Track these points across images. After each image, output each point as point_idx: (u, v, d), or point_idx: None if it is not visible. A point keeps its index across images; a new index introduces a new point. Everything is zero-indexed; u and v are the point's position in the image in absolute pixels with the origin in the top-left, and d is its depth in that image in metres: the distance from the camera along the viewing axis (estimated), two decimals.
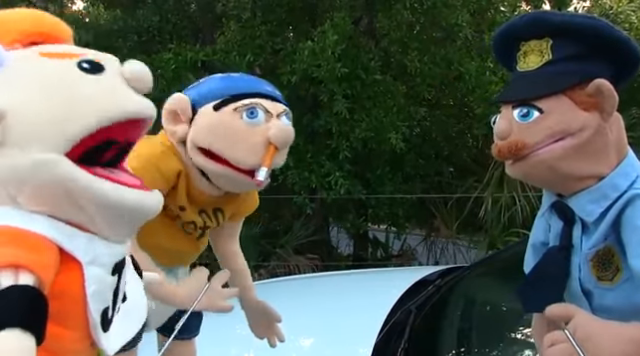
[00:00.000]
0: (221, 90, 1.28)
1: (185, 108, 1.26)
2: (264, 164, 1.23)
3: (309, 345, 1.96)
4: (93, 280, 0.76)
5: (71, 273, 0.74)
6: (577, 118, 0.98)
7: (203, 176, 1.29)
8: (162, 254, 1.30)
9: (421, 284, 2.12)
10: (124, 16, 5.62)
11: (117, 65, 0.81)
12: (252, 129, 1.23)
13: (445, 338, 1.67)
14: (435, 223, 5.62)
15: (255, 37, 4.90)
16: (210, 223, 1.38)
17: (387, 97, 4.76)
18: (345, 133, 4.66)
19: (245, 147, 1.23)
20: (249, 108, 1.23)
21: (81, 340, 0.77)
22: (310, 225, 5.21)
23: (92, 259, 0.76)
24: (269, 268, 4.88)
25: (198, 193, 1.31)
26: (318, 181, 4.56)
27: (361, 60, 4.70)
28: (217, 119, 1.24)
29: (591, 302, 1.03)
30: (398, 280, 2.59)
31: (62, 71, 0.76)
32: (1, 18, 0.81)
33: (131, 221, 0.80)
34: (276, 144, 1.24)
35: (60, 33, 0.84)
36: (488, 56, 4.83)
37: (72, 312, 0.75)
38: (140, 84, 0.82)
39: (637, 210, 0.95)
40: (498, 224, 4.75)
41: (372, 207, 5.19)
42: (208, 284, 1.27)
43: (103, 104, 0.75)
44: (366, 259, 5.59)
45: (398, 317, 1.75)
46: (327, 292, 2.46)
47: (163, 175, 1.24)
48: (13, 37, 0.79)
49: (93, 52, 0.81)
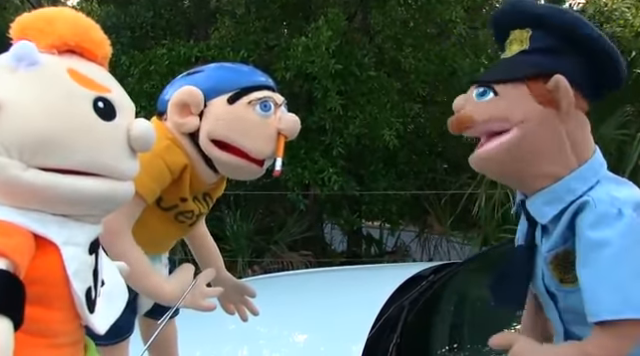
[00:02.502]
0: (231, 83, 1.30)
1: (199, 102, 1.27)
2: (278, 154, 1.29)
3: (302, 341, 1.96)
4: (72, 259, 0.77)
5: (49, 256, 0.75)
6: (524, 108, 0.98)
7: (208, 166, 1.31)
8: (151, 244, 1.31)
9: (414, 280, 2.12)
10: (117, 12, 5.60)
11: (129, 116, 0.83)
12: (265, 121, 1.28)
13: (437, 333, 1.68)
14: (429, 219, 5.63)
15: (249, 33, 4.89)
16: (203, 209, 1.40)
17: (381, 93, 4.76)
18: (339, 129, 4.66)
19: (261, 138, 1.27)
20: (262, 101, 1.28)
21: (70, 321, 0.79)
22: (304, 221, 5.21)
23: (66, 239, 0.77)
24: (262, 264, 4.88)
25: (197, 183, 1.34)
26: (312, 177, 4.56)
27: (355, 56, 4.70)
28: (233, 112, 1.27)
29: (556, 303, 1.03)
30: (391, 276, 2.60)
31: (75, 102, 0.77)
32: (45, 18, 0.82)
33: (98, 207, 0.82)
34: (287, 135, 1.29)
35: (95, 46, 0.84)
36: (482, 53, 4.85)
37: (57, 294, 0.76)
38: (139, 146, 0.83)
39: (585, 218, 0.93)
40: (492, 220, 4.75)
41: (366, 203, 5.19)
42: (194, 281, 1.27)
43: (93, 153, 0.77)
44: (360, 256, 5.60)
45: (391, 312, 1.75)
46: (320, 288, 2.46)
47: (170, 169, 1.25)
48: (52, 41, 0.80)
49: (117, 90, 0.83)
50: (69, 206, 0.77)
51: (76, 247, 0.78)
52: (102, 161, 0.78)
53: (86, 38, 0.83)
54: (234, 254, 4.75)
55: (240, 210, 5.00)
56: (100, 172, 0.78)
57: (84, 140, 0.76)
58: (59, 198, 0.76)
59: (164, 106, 1.30)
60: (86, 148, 0.76)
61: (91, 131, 0.77)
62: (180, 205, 1.33)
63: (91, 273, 0.81)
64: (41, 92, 0.75)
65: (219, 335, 1.86)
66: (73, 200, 0.77)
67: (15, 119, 0.73)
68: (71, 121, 0.75)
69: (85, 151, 0.76)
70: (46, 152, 0.74)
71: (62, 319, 0.78)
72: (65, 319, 0.78)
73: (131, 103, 0.86)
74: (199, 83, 1.29)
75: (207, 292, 1.30)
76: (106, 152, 0.79)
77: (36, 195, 0.75)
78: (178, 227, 1.37)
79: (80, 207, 0.79)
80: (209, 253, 1.57)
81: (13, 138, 0.73)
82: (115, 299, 0.89)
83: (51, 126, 0.74)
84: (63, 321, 0.78)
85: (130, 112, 0.84)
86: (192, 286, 1.25)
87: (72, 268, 0.76)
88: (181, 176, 1.29)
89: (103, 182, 0.79)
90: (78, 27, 0.83)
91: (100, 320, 0.82)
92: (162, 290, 1.22)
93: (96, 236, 0.84)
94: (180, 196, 1.31)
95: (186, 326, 1.51)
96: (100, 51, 0.85)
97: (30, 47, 0.76)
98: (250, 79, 1.33)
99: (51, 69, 0.77)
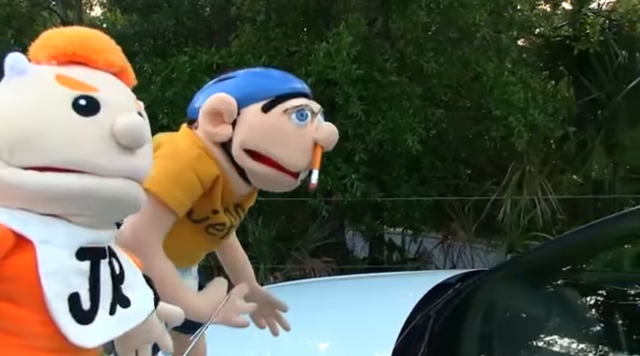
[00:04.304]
0: (265, 90, 1.24)
1: (233, 110, 1.21)
2: (314, 166, 1.23)
3: (325, 349, 1.92)
4: (48, 259, 0.75)
5: (25, 254, 0.74)
6: None
7: (241, 177, 1.26)
8: (182, 257, 1.27)
9: (440, 288, 2.07)
10: (140, 20, 5.65)
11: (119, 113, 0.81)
12: (301, 131, 1.21)
13: (466, 344, 1.63)
14: (452, 226, 5.56)
15: (270, 39, 4.89)
16: (234, 221, 1.35)
17: (403, 99, 4.71)
18: (361, 135, 4.62)
19: (297, 149, 1.22)
20: (299, 110, 1.21)
21: (44, 324, 0.76)
22: (326, 228, 5.18)
23: (46, 238, 0.76)
24: (284, 271, 4.86)
25: (229, 194, 1.28)
26: (334, 183, 4.53)
27: (376, 61, 4.67)
28: (267, 121, 1.21)
29: None
30: (415, 284, 2.55)
31: (52, 100, 0.77)
32: (45, 35, 0.84)
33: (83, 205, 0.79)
34: (324, 146, 1.23)
35: (94, 53, 0.84)
36: (506, 56, 4.77)
37: (28, 293, 0.74)
38: (125, 140, 0.80)
39: None
40: (517, 227, 4.68)
41: (388, 210, 5.14)
42: (227, 297, 1.22)
43: (69, 149, 0.76)
44: (382, 262, 5.55)
45: (417, 321, 1.71)
46: (343, 296, 2.42)
47: (201, 180, 1.19)
48: (48, 52, 0.82)
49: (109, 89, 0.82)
50: (51, 204, 0.77)
51: (56, 248, 0.76)
52: (80, 157, 0.77)
53: (84, 46, 0.83)
54: (256, 261, 4.72)
55: (262, 217, 4.98)
56: (80, 168, 0.77)
57: (58, 136, 0.76)
58: (36, 195, 0.75)
59: (195, 114, 1.25)
60: (61, 144, 0.76)
61: (66, 127, 0.77)
62: (211, 217, 1.28)
63: (85, 280, 0.79)
64: (22, 95, 0.77)
65: (242, 343, 1.84)
66: (48, 196, 0.76)
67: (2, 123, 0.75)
68: (46, 119, 0.76)
69: (60, 147, 0.76)
70: (23, 150, 0.75)
71: (37, 320, 0.75)
72: (39, 321, 0.75)
73: (128, 101, 0.85)
74: (231, 90, 1.23)
75: (241, 308, 1.25)
76: (84, 147, 0.77)
77: (16, 193, 0.75)
78: (209, 240, 1.32)
79: (61, 204, 0.77)
80: (240, 265, 1.51)
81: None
82: (127, 323, 0.86)
83: (27, 124, 0.75)
84: (39, 323, 0.75)
85: (116, 108, 0.81)
86: (225, 301, 1.20)
87: (47, 268, 0.74)
88: (213, 187, 1.23)
89: (80, 178, 0.77)
90: (74, 38, 0.84)
91: (89, 333, 0.78)
92: (193, 306, 1.17)
93: (92, 241, 0.81)
94: (212, 208, 1.26)
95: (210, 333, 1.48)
96: (100, 57, 0.84)
97: (18, 57, 0.79)
98: (286, 86, 1.26)
99: (37, 75, 0.80)
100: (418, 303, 1.85)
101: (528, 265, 2.27)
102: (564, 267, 2.21)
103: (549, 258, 2.24)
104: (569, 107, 5.42)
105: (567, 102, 5.50)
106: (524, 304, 1.90)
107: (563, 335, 1.63)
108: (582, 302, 1.91)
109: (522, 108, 4.32)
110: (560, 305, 1.85)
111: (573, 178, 5.58)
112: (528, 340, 1.67)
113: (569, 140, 5.06)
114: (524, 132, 4.26)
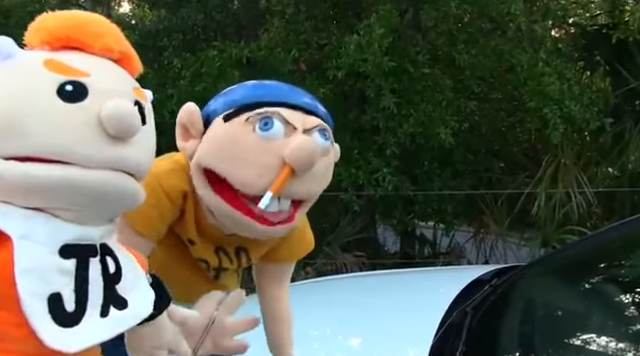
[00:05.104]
0: (238, 99, 1.04)
1: (194, 121, 1.03)
2: (271, 188, 0.97)
3: (361, 347, 1.90)
4: (25, 256, 0.69)
5: (1, 250, 0.69)
6: None
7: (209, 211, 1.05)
8: (178, 288, 1.01)
9: (475, 284, 2.03)
10: (169, 15, 5.66)
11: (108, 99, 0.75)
12: (266, 145, 0.98)
13: (505, 341, 1.59)
14: (484, 220, 5.48)
15: (300, 33, 4.86)
16: (229, 265, 1.14)
17: (436, 91, 4.65)
18: (392, 128, 4.57)
19: (254, 167, 0.98)
20: (262, 118, 0.98)
21: (19, 326, 0.70)
22: (357, 222, 5.15)
23: (25, 233, 0.70)
24: (315, 266, 4.84)
25: (209, 226, 1.07)
26: (366, 178, 4.49)
27: (408, 53, 4.61)
28: (225, 132, 1.00)
29: None
30: (449, 279, 2.52)
31: (35, 86, 0.73)
32: (39, 18, 0.80)
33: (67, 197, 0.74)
34: (291, 164, 0.97)
35: (90, 38, 0.78)
36: (541, 47, 4.67)
37: (5, 292, 0.68)
38: (113, 128, 0.74)
39: None
40: (552, 221, 4.60)
41: (419, 204, 5.09)
42: (213, 318, 1.01)
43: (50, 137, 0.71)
44: (413, 257, 5.50)
45: (454, 318, 1.68)
46: (377, 292, 2.40)
47: (166, 193, 1.03)
48: (41, 37, 0.77)
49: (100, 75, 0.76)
50: (32, 196, 0.72)
51: (35, 244, 0.71)
52: (61, 145, 0.71)
53: (79, 30, 0.78)
54: None
55: None
56: (65, 158, 0.71)
57: (41, 124, 0.71)
58: (17, 187, 0.71)
59: None
60: (44, 132, 0.71)
61: (49, 114, 0.71)
62: (190, 248, 1.09)
63: (69, 279, 0.73)
64: (5, 80, 0.73)
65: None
66: (29, 188, 0.71)
67: None
68: (27, 105, 0.71)
69: (43, 135, 0.71)
70: (3, 138, 0.70)
71: (13, 323, 0.69)
72: (17, 323, 0.69)
73: (121, 88, 0.78)
74: (213, 102, 1.08)
75: (231, 328, 1.03)
76: (68, 135, 0.72)
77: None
78: (203, 276, 1.14)
79: (43, 197, 0.72)
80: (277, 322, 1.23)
81: None
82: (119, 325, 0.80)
83: (8, 111, 0.71)
84: (14, 325, 0.69)
85: (106, 94, 0.75)
86: (209, 326, 0.99)
87: (23, 265, 0.69)
88: (184, 208, 1.05)
89: (64, 168, 0.72)
90: (69, 21, 0.79)
91: (71, 337, 0.72)
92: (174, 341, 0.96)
93: (79, 238, 0.75)
94: (186, 236, 1.07)
95: None
96: (97, 42, 0.78)
97: (5, 41, 0.75)
98: (260, 94, 1.04)
99: (24, 60, 0.75)
100: (454, 300, 1.82)
101: (565, 261, 2.23)
102: (602, 263, 2.16)
103: (587, 253, 2.19)
104: (606, 98, 5.30)
105: (604, 93, 5.38)
106: (562, 300, 1.86)
107: (604, 333, 1.58)
108: (622, 298, 1.86)
109: (557, 99, 4.22)
110: (599, 302, 1.81)
111: (608, 171, 5.45)
112: (568, 337, 1.62)
113: (605, 132, 4.94)
114: (559, 124, 4.16)
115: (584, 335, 1.62)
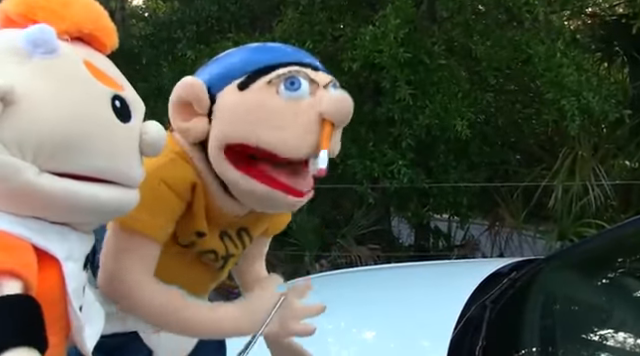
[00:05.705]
0: (245, 64, 0.95)
1: (200, 95, 0.92)
2: (322, 146, 0.89)
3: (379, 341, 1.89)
4: (71, 276, 0.67)
5: (48, 272, 0.65)
6: None
7: (225, 192, 0.97)
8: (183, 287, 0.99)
9: (494, 277, 2.01)
10: (182, 7, 5.66)
11: (140, 118, 0.74)
12: (297, 105, 0.91)
13: (525, 334, 1.57)
14: (500, 212, 5.45)
15: (314, 24, 4.83)
16: (234, 250, 1.06)
17: (452, 83, 4.60)
18: (408, 120, 4.53)
19: (293, 129, 0.90)
20: (288, 78, 0.91)
21: (58, 345, 0.68)
22: (371, 215, 5.13)
23: (68, 254, 0.68)
24: (330, 258, 4.84)
25: (218, 213, 1.00)
26: (381, 170, 4.46)
27: (424, 44, 4.56)
28: (247, 100, 0.91)
29: None
30: (466, 273, 2.50)
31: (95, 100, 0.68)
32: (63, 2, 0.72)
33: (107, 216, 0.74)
34: (332, 119, 0.90)
35: (106, 36, 0.75)
36: (559, 37, 4.61)
37: (52, 315, 0.64)
38: (150, 152, 0.74)
39: None
40: (569, 214, 4.55)
41: (434, 196, 5.06)
42: (283, 297, 0.97)
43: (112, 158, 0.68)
44: (428, 249, 5.48)
45: (473, 312, 1.66)
46: (393, 285, 2.38)
47: (172, 189, 0.92)
48: (67, 26, 0.70)
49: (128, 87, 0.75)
50: (66, 213, 0.67)
51: (74, 263, 0.69)
52: (118, 167, 0.69)
53: (99, 25, 0.73)
54: (301, 248, 4.71)
55: (307, 203, 4.95)
56: (113, 179, 0.69)
57: (105, 144, 0.67)
58: (76, 207, 0.66)
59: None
60: (106, 153, 0.67)
61: (110, 134, 0.68)
62: (198, 242, 1.00)
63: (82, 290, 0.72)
64: (59, 86, 0.65)
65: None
66: (90, 209, 0.68)
67: (32, 116, 0.62)
68: (93, 122, 0.66)
69: (105, 156, 0.67)
70: (65, 156, 0.64)
71: (54, 343, 0.65)
72: (55, 344, 0.66)
73: (141, 103, 0.76)
74: (201, 75, 0.97)
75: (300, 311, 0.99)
76: (123, 157, 0.70)
77: (48, 203, 0.65)
78: (207, 270, 1.06)
79: (90, 216, 0.70)
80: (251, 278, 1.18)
81: (29, 138, 0.62)
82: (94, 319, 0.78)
83: (72, 127, 0.64)
84: (53, 346, 0.65)
85: (141, 113, 0.74)
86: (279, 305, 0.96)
87: (71, 286, 0.67)
88: (193, 200, 0.95)
89: (117, 190, 0.70)
90: (93, 12, 0.73)
91: (89, 341, 0.73)
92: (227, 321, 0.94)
93: (90, 248, 0.74)
94: (195, 229, 0.98)
95: None
96: (109, 41, 0.75)
97: (50, 32, 0.65)
98: (268, 56, 0.96)
99: (69, 60, 0.68)
100: (473, 293, 1.81)
101: (585, 254, 2.21)
102: (622, 256, 2.13)
103: (606, 247, 2.17)
104: (624, 89, 5.24)
105: (622, 84, 5.31)
106: (582, 294, 1.85)
107: (624, 327, 1.57)
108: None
109: (575, 91, 4.16)
110: (619, 296, 1.79)
111: (626, 163, 5.39)
112: (588, 332, 1.60)
113: (623, 123, 4.88)
114: (577, 116, 4.11)
115: (604, 329, 1.60)
